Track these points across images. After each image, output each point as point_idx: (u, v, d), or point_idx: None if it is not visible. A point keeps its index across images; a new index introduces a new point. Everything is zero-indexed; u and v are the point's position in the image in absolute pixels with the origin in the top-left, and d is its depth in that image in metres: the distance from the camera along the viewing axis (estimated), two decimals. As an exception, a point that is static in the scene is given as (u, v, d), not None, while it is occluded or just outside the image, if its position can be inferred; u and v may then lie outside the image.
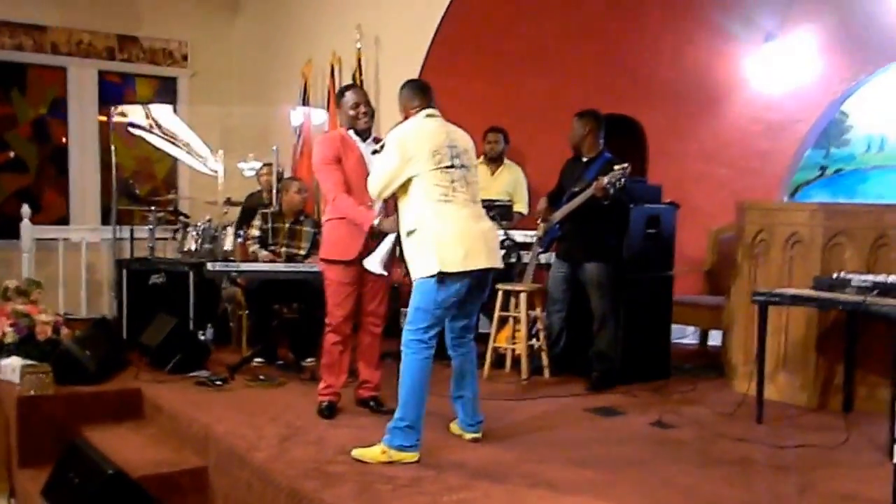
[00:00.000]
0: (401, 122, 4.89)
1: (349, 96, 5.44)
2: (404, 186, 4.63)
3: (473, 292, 4.68)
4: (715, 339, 7.90)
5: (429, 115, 4.79)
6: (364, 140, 5.37)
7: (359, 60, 8.78)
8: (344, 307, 5.36)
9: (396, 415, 4.49)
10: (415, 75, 7.99)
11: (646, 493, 4.09)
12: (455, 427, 4.98)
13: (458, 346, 4.88)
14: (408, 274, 4.70)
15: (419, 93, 4.88)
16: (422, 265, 4.51)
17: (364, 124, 5.40)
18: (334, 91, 9.06)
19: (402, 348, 4.56)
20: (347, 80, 8.96)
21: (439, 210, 4.52)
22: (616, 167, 5.97)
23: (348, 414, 5.43)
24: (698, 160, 8.94)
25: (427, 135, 4.65)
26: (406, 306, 4.81)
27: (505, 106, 8.36)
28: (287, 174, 8.77)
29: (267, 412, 5.38)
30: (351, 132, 5.41)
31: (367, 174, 5.01)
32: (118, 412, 5.89)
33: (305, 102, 9.58)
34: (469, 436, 4.86)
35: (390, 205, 5.11)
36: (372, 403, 5.51)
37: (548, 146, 8.11)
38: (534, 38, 8.25)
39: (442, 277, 4.45)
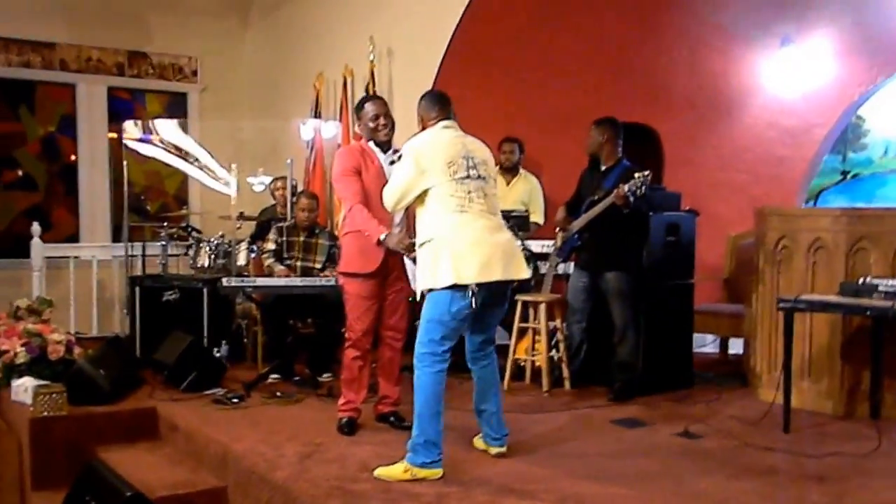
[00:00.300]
0: (418, 132, 4.82)
1: (369, 108, 5.35)
2: (421, 198, 4.55)
3: (490, 305, 4.59)
4: (735, 347, 7.81)
5: (445, 127, 4.72)
6: (384, 152, 5.26)
7: (372, 72, 8.71)
8: (363, 321, 5.27)
9: (414, 431, 4.40)
10: (428, 86, 7.94)
11: (678, 507, 3.99)
12: (479, 442, 4.87)
13: (478, 360, 4.79)
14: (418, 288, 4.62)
15: (437, 104, 4.81)
16: (435, 276, 4.41)
17: (384, 136, 5.31)
18: (347, 104, 9.04)
19: (414, 362, 4.47)
20: (360, 93, 8.87)
21: (455, 221, 4.44)
22: (636, 175, 5.87)
23: (369, 430, 5.32)
24: (715, 167, 8.83)
25: (442, 146, 4.59)
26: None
27: (520, 115, 8.28)
28: (300, 188, 8.70)
29: (285, 429, 5.28)
30: (371, 144, 5.33)
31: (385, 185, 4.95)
32: (133, 432, 5.79)
33: (317, 115, 9.51)
34: (494, 450, 4.75)
35: (410, 216, 5.03)
36: (392, 419, 5.42)
37: (563, 155, 8.03)
38: (548, 46, 8.17)
39: (456, 288, 4.36)
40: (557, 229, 6.62)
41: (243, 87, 11.63)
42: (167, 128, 9.32)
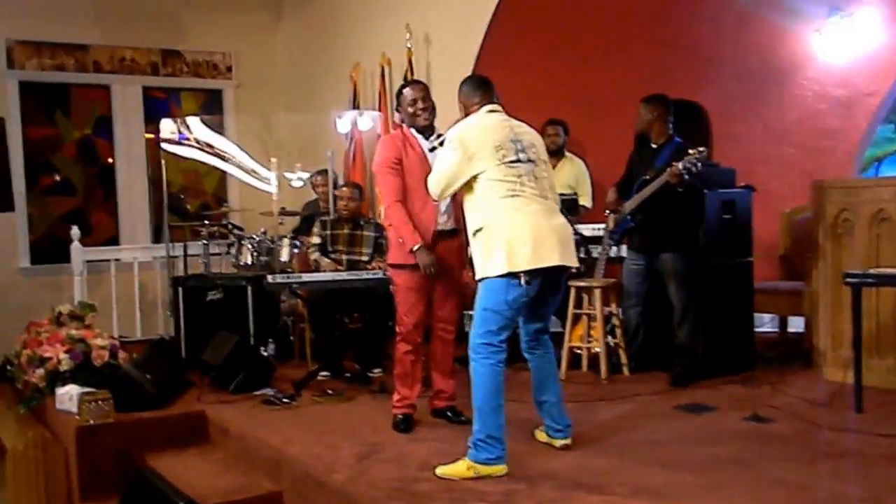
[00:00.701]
0: (460, 119, 4.64)
1: (407, 93, 5.18)
2: (469, 184, 4.37)
3: (546, 292, 4.41)
4: (794, 325, 7.61)
5: (490, 111, 4.55)
6: (427, 137, 5.08)
7: (409, 60, 8.53)
8: (413, 314, 5.09)
9: (475, 427, 4.22)
10: (468, 72, 7.71)
11: (759, 495, 3.80)
12: (541, 434, 4.68)
13: (534, 349, 4.60)
14: (475, 277, 4.44)
15: (480, 88, 4.64)
16: (489, 264, 4.22)
17: (424, 121, 5.13)
18: (385, 93, 8.88)
19: (469, 353, 4.29)
20: (398, 82, 8.70)
21: (507, 206, 4.25)
22: (691, 151, 5.65)
23: (426, 426, 5.14)
24: (764, 141, 8.59)
25: (489, 129, 4.41)
26: (470, 309, 4.59)
27: (563, 97, 8.08)
28: (340, 180, 8.55)
29: (340, 429, 5.12)
30: (412, 130, 5.14)
31: (428, 173, 4.80)
32: (183, 437, 5.64)
33: (355, 107, 9.35)
34: (559, 442, 4.56)
35: (457, 203, 4.86)
36: (449, 413, 5.23)
37: (609, 136, 7.84)
38: (589, 25, 7.94)
39: (511, 276, 4.17)
40: (608, 211, 6.42)
41: (279, 82, 11.52)
42: (201, 126, 9.15)
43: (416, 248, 4.92)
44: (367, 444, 4.74)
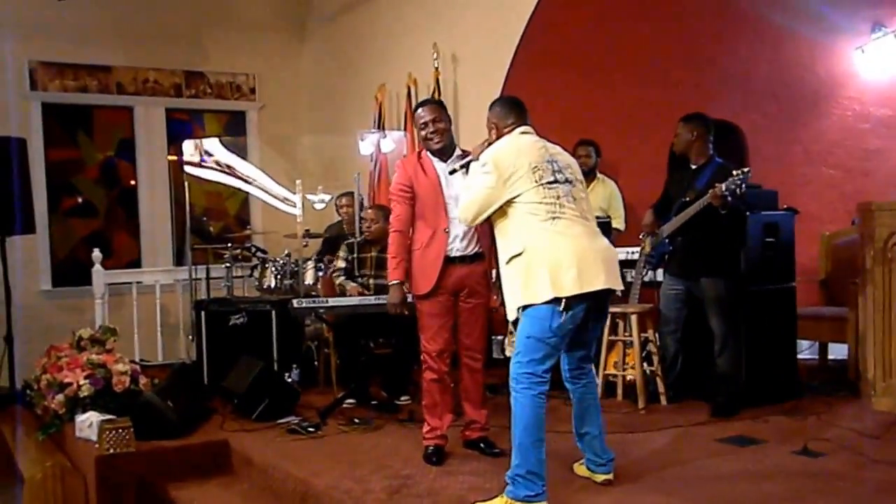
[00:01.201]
0: (490, 142, 4.45)
1: (419, 114, 5.00)
2: (502, 209, 4.18)
3: (591, 317, 4.19)
4: (835, 352, 7.33)
5: (524, 132, 4.39)
6: (445, 160, 4.89)
7: (437, 80, 8.36)
8: (437, 341, 4.89)
9: (514, 461, 3.99)
10: (496, 92, 7.58)
11: (818, 539, 3.54)
12: (581, 468, 4.45)
13: (577, 378, 4.37)
14: (503, 303, 4.24)
15: (513, 110, 4.48)
16: (532, 291, 4.00)
17: (435, 144, 4.92)
18: (411, 114, 8.68)
19: (510, 384, 4.06)
20: (425, 101, 8.57)
21: (549, 229, 4.05)
22: (735, 172, 5.41)
23: (458, 458, 4.90)
24: (802, 162, 8.36)
25: (524, 150, 4.23)
26: (497, 334, 4.39)
27: (594, 117, 7.88)
28: (366, 203, 8.37)
29: (368, 460, 4.88)
30: (428, 153, 4.96)
31: (442, 196, 4.76)
32: (205, 467, 5.42)
33: (380, 127, 9.18)
34: (600, 477, 4.32)
35: (482, 229, 4.69)
36: (482, 445, 5.00)
37: (641, 157, 7.65)
38: (622, 43, 7.77)
39: (556, 302, 3.95)
40: (643, 234, 6.20)
41: (302, 103, 11.40)
42: (221, 149, 8.99)
43: (392, 283, 4.91)
44: (398, 478, 4.50)
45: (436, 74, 8.39)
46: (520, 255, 4.06)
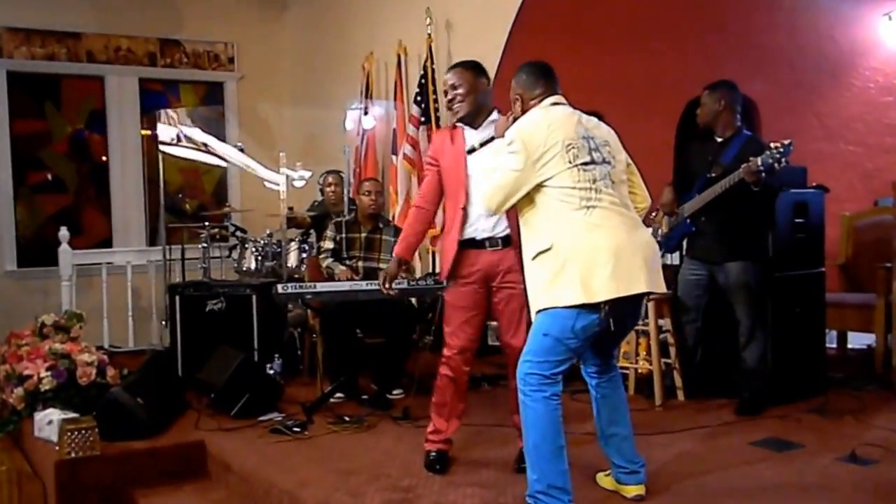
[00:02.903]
0: (516, 117, 3.85)
1: (445, 78, 4.38)
2: (529, 195, 3.60)
3: (626, 320, 3.67)
4: (854, 341, 6.95)
5: (555, 104, 3.77)
6: (477, 127, 4.29)
7: (430, 48, 7.79)
8: (458, 337, 4.27)
9: (531, 476, 3.48)
10: (494, 61, 7.06)
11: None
12: (607, 479, 3.91)
13: (601, 374, 3.84)
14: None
15: (541, 77, 3.85)
16: (558, 293, 3.44)
17: (454, 113, 4.31)
18: (402, 83, 8.18)
19: (518, 385, 3.53)
20: (415, 71, 8.12)
21: (581, 220, 3.47)
22: (773, 145, 4.85)
23: (463, 465, 4.34)
24: (820, 138, 7.88)
25: (556, 125, 3.60)
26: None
27: (599, 88, 7.29)
28: (352, 180, 7.85)
29: (363, 467, 4.32)
30: (461, 123, 4.36)
31: (464, 170, 4.15)
32: (178, 472, 4.85)
33: (368, 98, 8.62)
34: (632, 490, 3.77)
35: (511, 216, 4.06)
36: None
37: (649, 129, 7.13)
38: (628, 9, 7.23)
39: (584, 306, 3.41)
40: (660, 214, 5.67)
41: (284, 73, 10.86)
42: (196, 131, 8.43)
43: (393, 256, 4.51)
44: (398, 490, 3.95)
45: (428, 42, 7.85)
46: (548, 250, 3.49)
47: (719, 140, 5.40)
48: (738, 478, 4.06)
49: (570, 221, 3.47)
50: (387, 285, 4.40)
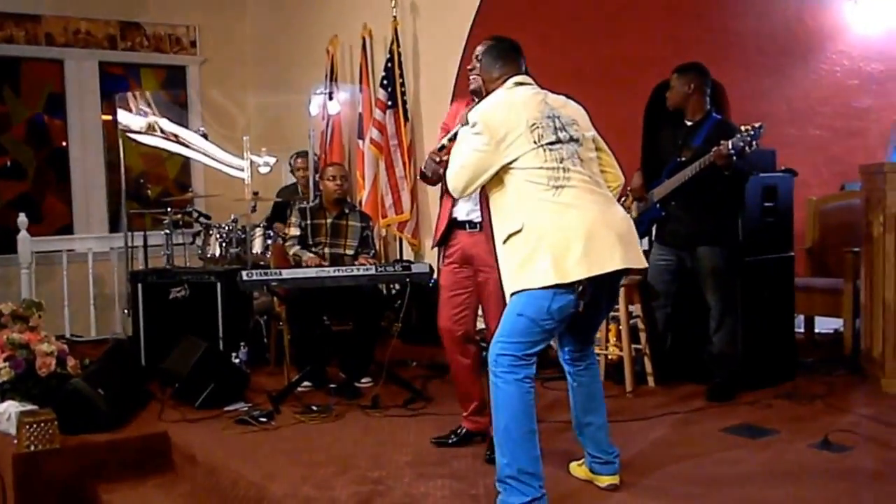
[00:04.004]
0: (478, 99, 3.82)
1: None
2: (498, 176, 3.52)
3: (601, 300, 3.59)
4: (820, 326, 6.94)
5: (518, 83, 3.69)
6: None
7: (395, 31, 7.68)
8: (441, 315, 4.32)
9: (500, 460, 3.39)
10: (460, 45, 7.00)
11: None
12: (580, 469, 3.85)
13: (578, 360, 3.76)
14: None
15: (500, 57, 3.79)
16: (530, 274, 3.36)
17: (469, 83, 4.16)
18: (367, 67, 8.06)
19: (490, 367, 3.45)
20: (381, 55, 8.02)
21: (552, 200, 3.39)
22: (744, 128, 4.81)
23: (433, 455, 4.27)
24: (787, 122, 7.82)
25: (519, 106, 3.54)
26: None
27: (566, 72, 7.18)
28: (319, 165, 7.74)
29: (331, 459, 4.23)
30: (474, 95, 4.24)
31: None
32: (141, 465, 4.73)
33: (333, 82, 8.49)
34: (605, 480, 3.72)
35: (483, 202, 4.02)
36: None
37: (616, 113, 7.01)
38: (596, -10, 7.14)
39: (558, 286, 3.33)
40: (630, 199, 5.61)
41: (247, 57, 10.69)
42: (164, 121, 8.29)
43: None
44: (367, 481, 3.87)
45: (394, 24, 7.75)
46: (518, 232, 3.41)
47: (689, 123, 5.35)
48: (712, 465, 4.02)
49: (539, 202, 3.40)
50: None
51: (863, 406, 4.99)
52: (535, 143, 3.45)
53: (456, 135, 3.76)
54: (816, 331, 7.02)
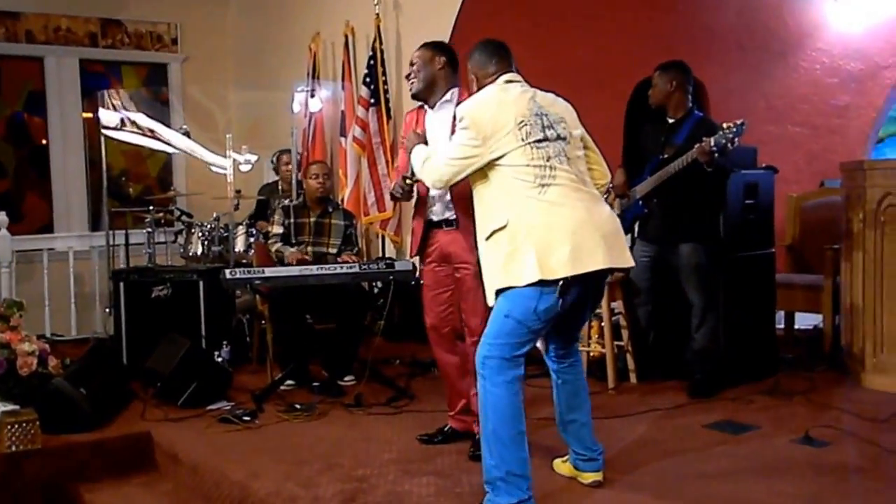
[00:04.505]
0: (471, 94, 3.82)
1: None
2: (483, 173, 3.54)
3: (587, 299, 3.60)
4: (800, 321, 6.93)
5: (509, 81, 3.73)
6: (432, 107, 4.24)
7: (378, 29, 7.66)
8: (427, 315, 4.39)
9: (488, 461, 3.40)
10: (444, 41, 6.92)
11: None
12: (564, 466, 3.88)
13: (563, 358, 3.78)
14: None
15: (493, 55, 3.82)
16: (514, 272, 3.37)
17: (410, 89, 4.28)
18: (350, 65, 8.05)
19: (478, 368, 3.46)
20: (363, 52, 7.98)
21: (538, 198, 3.41)
22: (726, 125, 4.84)
23: (418, 453, 4.28)
24: (767, 120, 7.87)
25: (508, 103, 3.57)
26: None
27: (548, 69, 7.14)
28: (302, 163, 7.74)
29: (315, 457, 4.23)
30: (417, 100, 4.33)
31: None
32: (124, 465, 4.70)
33: (316, 80, 8.48)
34: (589, 477, 3.74)
35: (455, 192, 4.04)
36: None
37: (598, 110, 7.02)
38: (577, -12, 7.16)
39: (543, 283, 3.33)
40: (613, 196, 5.62)
41: (229, 55, 10.60)
42: (141, 117, 8.25)
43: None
44: (351, 480, 3.87)
45: (376, 22, 7.72)
46: (503, 228, 3.42)
47: (671, 121, 5.38)
48: (695, 462, 4.04)
49: (525, 199, 3.41)
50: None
51: (843, 401, 5.02)
52: (522, 140, 3.46)
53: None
54: (797, 327, 7.04)
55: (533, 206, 3.39)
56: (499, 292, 3.44)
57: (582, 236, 3.37)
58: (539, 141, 3.48)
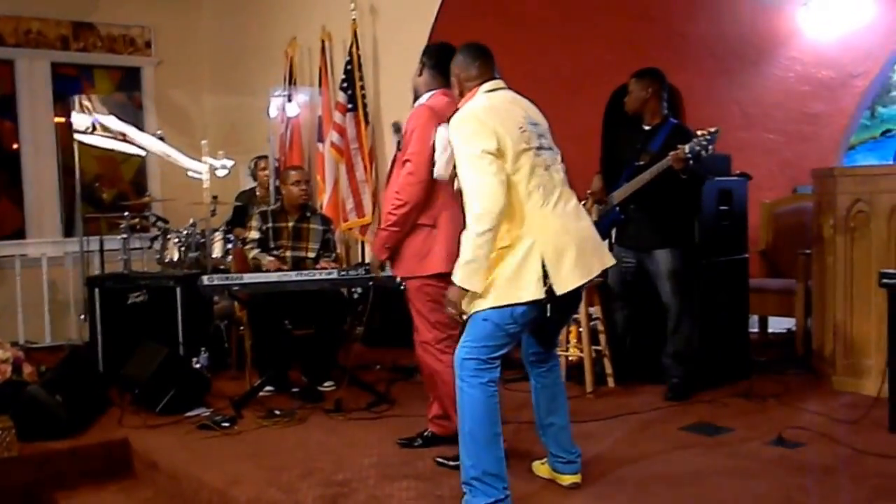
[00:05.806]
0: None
1: None
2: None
3: (570, 304, 3.66)
4: (774, 325, 7.13)
5: (493, 89, 3.70)
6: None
7: (354, 34, 7.67)
8: (429, 330, 4.31)
9: (466, 462, 3.43)
10: (418, 48, 6.79)
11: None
12: (543, 468, 3.92)
13: (541, 362, 3.81)
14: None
15: (478, 58, 3.79)
16: (513, 288, 3.37)
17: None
18: (326, 70, 8.04)
19: (456, 370, 3.48)
20: (340, 57, 7.96)
21: (543, 207, 3.43)
22: (700, 133, 4.90)
23: (398, 457, 4.30)
24: (740, 127, 7.94)
25: (507, 112, 3.55)
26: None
27: (524, 75, 7.16)
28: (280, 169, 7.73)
29: (295, 462, 4.24)
30: None
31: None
32: (101, 472, 4.69)
33: (292, 85, 8.47)
34: (567, 479, 3.78)
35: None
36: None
37: (574, 117, 7.11)
38: (554, -2, 7.19)
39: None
40: (590, 202, 5.67)
41: (204, 59, 10.49)
42: (114, 120, 8.22)
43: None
44: (332, 484, 3.89)
45: (353, 27, 7.70)
46: (508, 246, 3.41)
47: (647, 128, 5.44)
48: (671, 463, 4.10)
49: (531, 211, 3.41)
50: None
51: (815, 403, 5.11)
52: (526, 143, 3.46)
53: None
54: (770, 330, 7.17)
55: (539, 217, 3.41)
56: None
57: (579, 247, 3.43)
58: (537, 149, 3.50)
